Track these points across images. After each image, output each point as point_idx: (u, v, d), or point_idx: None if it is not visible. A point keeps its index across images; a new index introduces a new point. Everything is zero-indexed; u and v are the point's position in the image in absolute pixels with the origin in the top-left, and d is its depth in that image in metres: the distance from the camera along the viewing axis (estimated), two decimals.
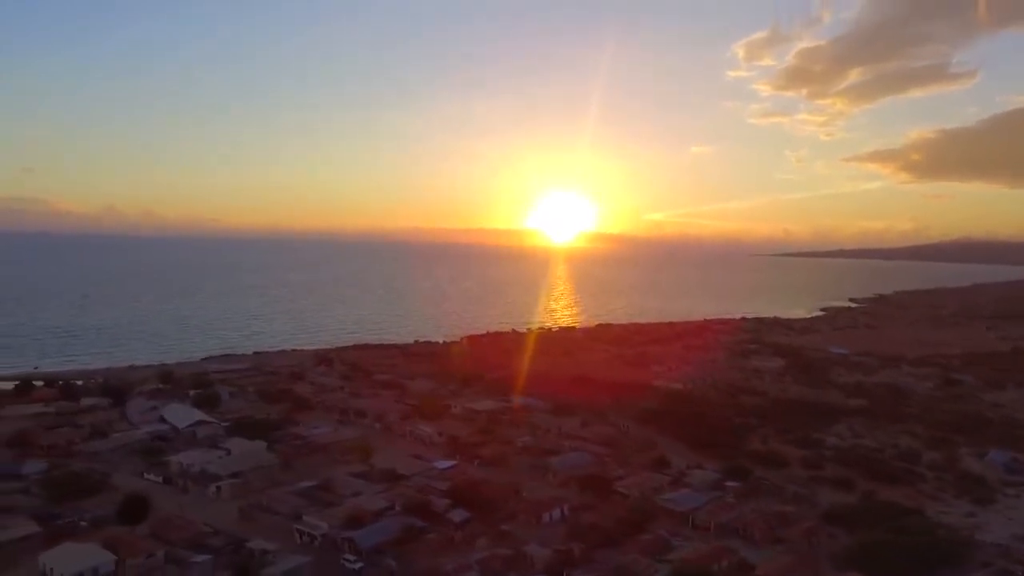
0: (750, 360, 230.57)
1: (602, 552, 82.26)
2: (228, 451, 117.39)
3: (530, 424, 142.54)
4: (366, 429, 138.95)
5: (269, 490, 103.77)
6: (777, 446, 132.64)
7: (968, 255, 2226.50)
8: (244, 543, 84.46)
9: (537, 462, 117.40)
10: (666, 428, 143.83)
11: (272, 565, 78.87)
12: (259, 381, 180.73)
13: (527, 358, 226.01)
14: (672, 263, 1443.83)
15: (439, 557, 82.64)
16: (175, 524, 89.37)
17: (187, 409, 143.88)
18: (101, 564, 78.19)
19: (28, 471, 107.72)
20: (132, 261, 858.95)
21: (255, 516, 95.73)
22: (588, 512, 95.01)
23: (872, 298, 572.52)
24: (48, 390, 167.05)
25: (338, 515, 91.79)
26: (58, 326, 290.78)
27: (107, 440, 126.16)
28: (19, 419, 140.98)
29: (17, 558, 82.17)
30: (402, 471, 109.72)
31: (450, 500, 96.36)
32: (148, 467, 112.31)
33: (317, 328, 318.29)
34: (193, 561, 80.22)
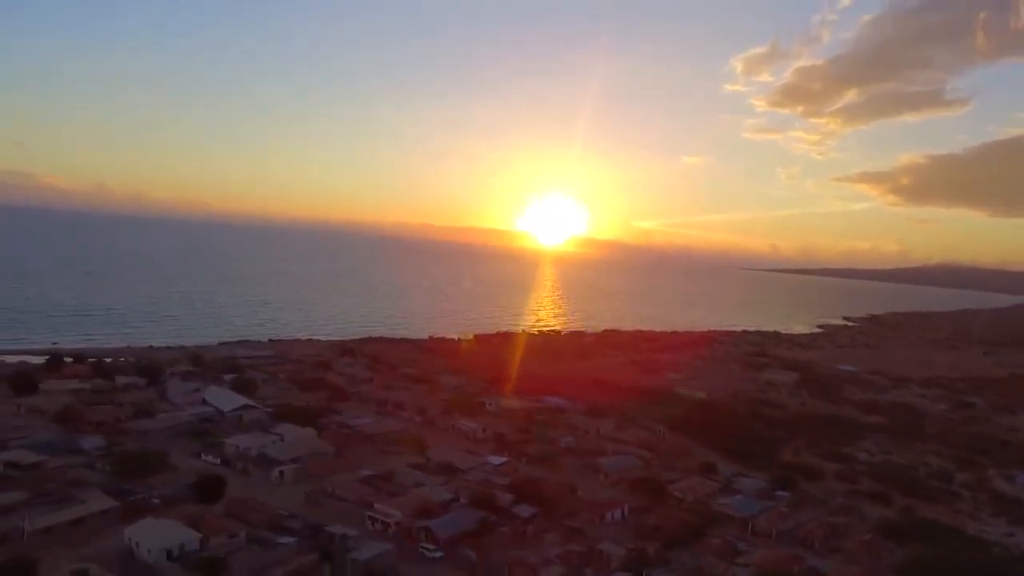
0: (763, 373, 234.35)
1: (672, 553, 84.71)
2: (281, 436, 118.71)
3: (567, 425, 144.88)
4: (407, 422, 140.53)
5: (330, 476, 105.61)
6: (810, 459, 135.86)
7: (950, 280, 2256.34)
8: (323, 527, 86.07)
9: (585, 462, 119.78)
10: (696, 435, 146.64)
11: (356, 551, 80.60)
12: (288, 369, 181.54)
13: (544, 360, 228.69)
14: (665, 272, 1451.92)
15: (511, 551, 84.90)
16: (250, 506, 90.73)
17: (228, 393, 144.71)
18: (187, 541, 79.50)
19: (87, 446, 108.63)
20: (126, 241, 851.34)
21: (322, 501, 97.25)
22: (648, 514, 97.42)
23: (866, 318, 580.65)
24: (79, 366, 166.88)
25: (407, 504, 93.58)
26: (67, 303, 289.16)
27: (154, 420, 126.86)
28: (58, 394, 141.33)
29: (98, 531, 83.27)
30: (459, 465, 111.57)
31: (513, 495, 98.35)
32: (204, 448, 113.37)
33: (326, 320, 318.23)
34: (277, 543, 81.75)
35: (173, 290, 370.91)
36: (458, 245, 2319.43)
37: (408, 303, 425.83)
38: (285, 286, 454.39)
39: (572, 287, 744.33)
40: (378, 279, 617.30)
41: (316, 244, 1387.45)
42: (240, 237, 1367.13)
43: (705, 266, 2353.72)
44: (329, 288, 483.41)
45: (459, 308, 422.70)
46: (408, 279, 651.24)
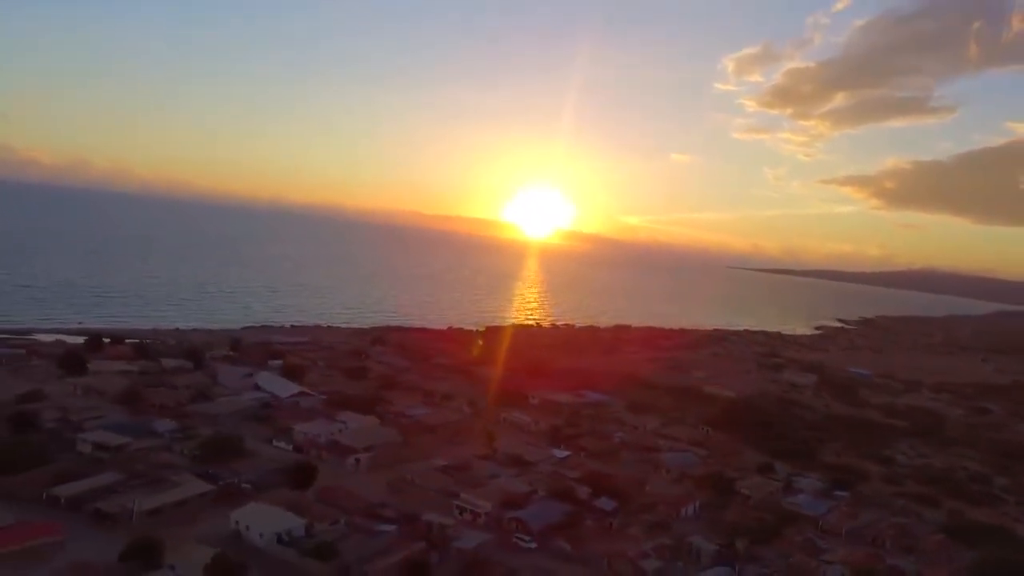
0: (782, 374, 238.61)
1: (757, 549, 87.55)
2: (345, 424, 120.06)
3: (614, 420, 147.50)
4: (458, 413, 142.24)
5: (404, 465, 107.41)
6: (852, 460, 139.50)
7: (931, 285, 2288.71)
8: (418, 516, 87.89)
9: (642, 457, 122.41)
10: (738, 434, 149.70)
11: (458, 539, 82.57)
12: (324, 356, 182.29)
13: (569, 354, 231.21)
14: (652, 269, 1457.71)
15: (598, 543, 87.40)
16: (341, 493, 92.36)
17: (280, 379, 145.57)
18: (294, 527, 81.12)
19: (161, 429, 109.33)
20: (118, 219, 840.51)
21: (404, 490, 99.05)
22: (722, 510, 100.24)
23: (858, 321, 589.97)
24: (120, 347, 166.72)
25: (491, 495, 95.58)
26: (79, 283, 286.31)
27: (214, 404, 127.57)
28: (109, 375, 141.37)
29: (198, 515, 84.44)
30: (527, 457, 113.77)
31: (590, 489, 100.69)
32: (274, 434, 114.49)
33: (339, 307, 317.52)
34: (379, 530, 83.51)
35: (179, 272, 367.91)
36: (445, 233, 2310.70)
37: (415, 292, 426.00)
38: (288, 271, 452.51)
39: (567, 281, 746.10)
40: (377, 266, 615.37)
41: (305, 228, 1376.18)
42: (229, 219, 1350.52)
43: (691, 263, 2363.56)
44: (332, 274, 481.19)
45: (467, 299, 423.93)
46: (406, 267, 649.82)
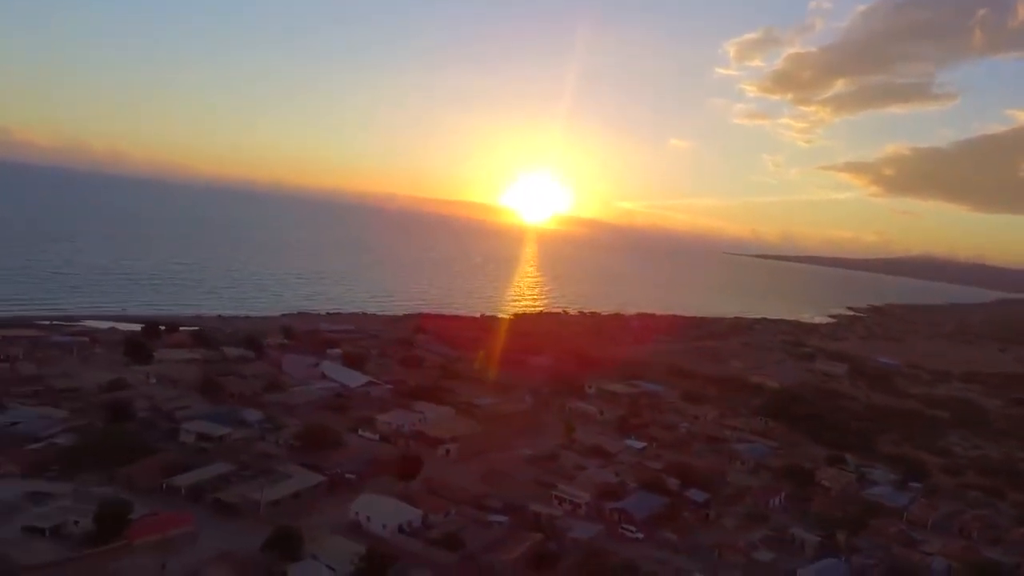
0: (815, 364, 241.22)
1: (854, 541, 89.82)
2: (423, 414, 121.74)
3: (673, 410, 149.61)
4: (520, 402, 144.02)
5: (489, 455, 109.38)
6: (910, 451, 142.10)
7: (928, 272, 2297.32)
8: (526, 507, 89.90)
9: (715, 448, 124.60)
10: (791, 425, 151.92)
11: (571, 530, 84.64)
12: (376, 345, 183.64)
13: (606, 342, 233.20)
14: (653, 254, 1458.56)
15: (700, 534, 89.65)
16: (445, 483, 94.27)
17: (344, 368, 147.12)
18: (413, 518, 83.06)
19: (250, 419, 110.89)
20: (120, 203, 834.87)
21: (498, 480, 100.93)
22: (808, 502, 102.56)
23: (869, 309, 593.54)
24: (178, 335, 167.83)
25: (587, 486, 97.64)
26: (109, 268, 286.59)
27: (289, 394, 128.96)
28: (176, 364, 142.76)
29: (314, 506, 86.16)
30: (608, 448, 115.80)
31: (679, 480, 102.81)
32: (351, 424, 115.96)
33: (367, 293, 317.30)
34: (492, 520, 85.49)
35: (201, 258, 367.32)
36: (444, 218, 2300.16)
37: (432, 279, 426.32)
38: (304, 257, 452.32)
39: (572, 266, 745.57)
40: (387, 252, 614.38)
41: (308, 212, 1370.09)
42: (231, 202, 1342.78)
43: (690, 249, 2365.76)
44: (348, 261, 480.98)
45: (485, 286, 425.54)
46: (415, 253, 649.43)
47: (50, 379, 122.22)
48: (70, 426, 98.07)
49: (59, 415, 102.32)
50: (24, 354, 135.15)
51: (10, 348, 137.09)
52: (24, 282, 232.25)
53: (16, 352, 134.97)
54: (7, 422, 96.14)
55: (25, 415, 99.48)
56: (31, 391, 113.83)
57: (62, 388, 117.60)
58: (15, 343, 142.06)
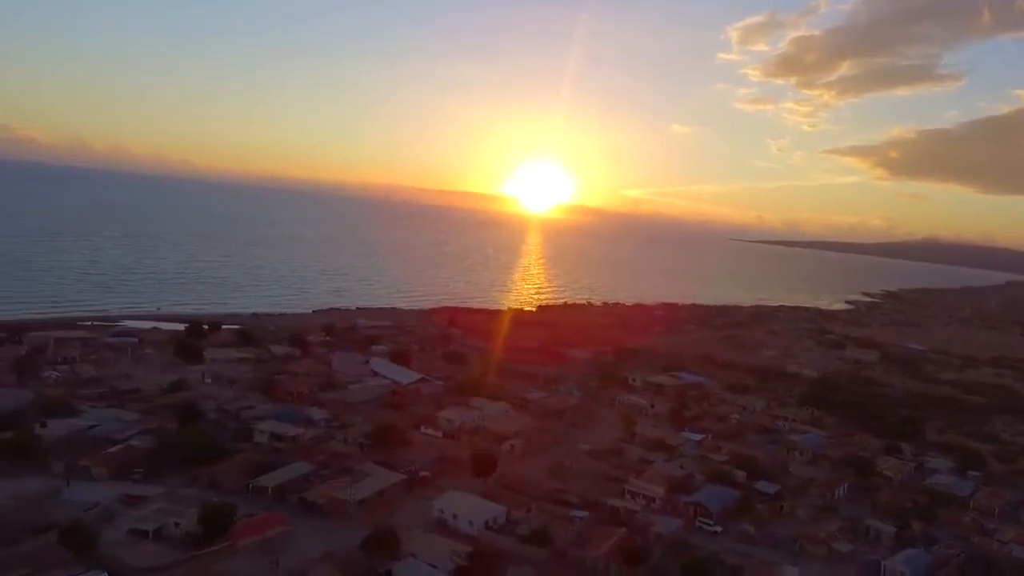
0: (844, 351, 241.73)
1: (929, 531, 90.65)
2: (480, 410, 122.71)
3: (721, 401, 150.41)
4: (568, 395, 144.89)
5: (551, 449, 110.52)
6: (957, 438, 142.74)
7: (935, 255, 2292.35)
8: (604, 501, 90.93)
9: (770, 439, 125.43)
10: (837, 414, 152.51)
11: (653, 524, 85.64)
12: (415, 340, 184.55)
13: (636, 333, 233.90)
14: (660, 242, 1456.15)
15: (777, 526, 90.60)
16: (520, 480, 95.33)
17: (393, 365, 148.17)
18: (497, 515, 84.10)
19: (316, 417, 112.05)
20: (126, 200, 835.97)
21: (565, 475, 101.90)
22: (871, 492, 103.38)
23: (883, 294, 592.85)
24: (222, 334, 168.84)
25: (656, 479, 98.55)
26: (132, 267, 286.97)
27: (344, 391, 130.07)
28: (228, 363, 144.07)
29: (395, 504, 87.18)
30: (668, 441, 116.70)
31: (745, 472, 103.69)
32: (410, 421, 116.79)
33: (390, 288, 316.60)
34: (574, 516, 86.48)
35: (220, 255, 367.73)
36: (446, 209, 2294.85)
37: (451, 271, 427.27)
38: (321, 252, 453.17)
39: (582, 256, 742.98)
40: (399, 245, 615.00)
41: (312, 206, 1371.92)
42: (234, 197, 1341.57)
43: (695, 236, 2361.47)
44: (364, 255, 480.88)
45: (504, 277, 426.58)
46: (426, 246, 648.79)
47: (111, 381, 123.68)
48: (144, 428, 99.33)
49: (130, 417, 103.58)
50: (80, 356, 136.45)
51: (66, 350, 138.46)
52: (54, 283, 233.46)
53: (73, 354, 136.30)
54: (84, 425, 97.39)
55: (100, 417, 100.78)
56: (96, 393, 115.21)
57: (125, 390, 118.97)
58: (68, 345, 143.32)
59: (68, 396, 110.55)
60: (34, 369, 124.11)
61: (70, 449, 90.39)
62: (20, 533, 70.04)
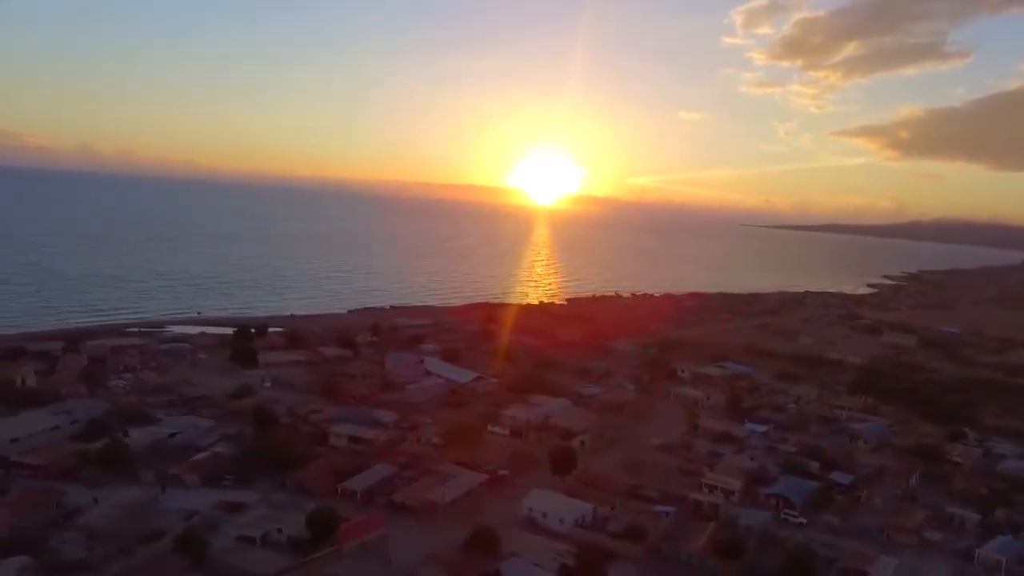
0: (882, 336, 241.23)
1: (1014, 518, 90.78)
2: (541, 406, 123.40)
3: (774, 391, 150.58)
4: (623, 389, 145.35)
5: (620, 444, 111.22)
6: (1014, 422, 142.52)
7: (947, 235, 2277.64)
8: (686, 496, 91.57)
9: (832, 428, 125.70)
10: (890, 400, 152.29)
11: (740, 517, 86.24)
12: (457, 337, 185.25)
13: (671, 323, 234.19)
14: (671, 230, 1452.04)
15: (860, 516, 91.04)
16: (600, 476, 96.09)
17: (446, 364, 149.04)
18: (586, 512, 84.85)
19: (385, 420, 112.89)
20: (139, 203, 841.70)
21: (639, 469, 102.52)
22: (944, 479, 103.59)
23: (905, 276, 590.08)
24: (271, 338, 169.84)
25: (730, 472, 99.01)
26: (164, 272, 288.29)
27: (405, 392, 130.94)
28: (283, 366, 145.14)
29: (484, 503, 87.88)
30: (734, 433, 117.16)
31: (818, 463, 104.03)
32: (481, 420, 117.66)
33: (419, 287, 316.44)
34: (660, 511, 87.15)
35: (245, 257, 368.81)
36: (452, 203, 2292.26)
37: (471, 266, 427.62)
38: (340, 251, 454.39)
39: (599, 247, 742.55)
40: (413, 241, 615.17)
41: (318, 204, 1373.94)
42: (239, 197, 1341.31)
43: (705, 223, 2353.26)
44: (382, 252, 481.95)
45: (525, 271, 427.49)
46: (442, 241, 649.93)
47: (176, 387, 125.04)
48: (223, 435, 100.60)
49: (206, 424, 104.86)
50: (141, 363, 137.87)
51: (124, 358, 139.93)
52: (93, 290, 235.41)
53: (133, 362, 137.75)
54: (165, 433, 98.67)
55: (179, 425, 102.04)
56: (166, 401, 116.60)
57: (192, 396, 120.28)
58: (125, 353, 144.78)
59: (140, 404, 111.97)
60: (100, 378, 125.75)
61: (156, 457, 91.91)
62: (130, 542, 71.48)
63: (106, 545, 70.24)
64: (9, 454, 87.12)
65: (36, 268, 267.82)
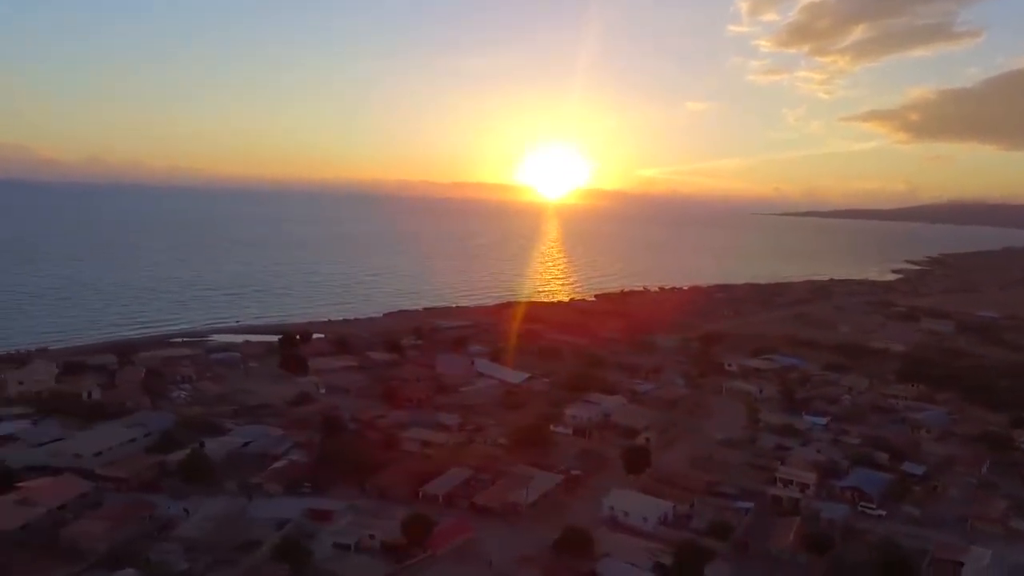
0: (920, 323, 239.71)
1: None
2: (599, 404, 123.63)
3: (826, 382, 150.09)
4: (674, 385, 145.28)
5: (683, 440, 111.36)
6: None
7: (961, 217, 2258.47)
8: (764, 491, 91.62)
9: (890, 418, 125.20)
10: (941, 388, 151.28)
11: (821, 510, 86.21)
12: (497, 337, 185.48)
13: (707, 316, 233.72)
14: (683, 222, 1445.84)
15: (938, 506, 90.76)
16: (674, 473, 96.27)
17: (495, 365, 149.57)
18: (667, 510, 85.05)
19: (449, 423, 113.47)
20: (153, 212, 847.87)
21: (707, 466, 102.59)
22: (1014, 467, 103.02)
23: (927, 261, 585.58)
24: (318, 343, 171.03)
25: (801, 465, 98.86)
26: (191, 281, 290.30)
27: (459, 394, 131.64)
28: (335, 372, 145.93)
29: (565, 504, 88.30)
30: (797, 426, 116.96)
31: (888, 454, 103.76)
32: (543, 419, 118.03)
33: (447, 287, 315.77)
34: (739, 507, 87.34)
35: (270, 264, 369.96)
36: (461, 202, 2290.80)
37: (493, 265, 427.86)
38: (360, 254, 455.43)
39: (613, 242, 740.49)
40: (430, 241, 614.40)
41: (329, 205, 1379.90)
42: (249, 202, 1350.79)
43: (716, 213, 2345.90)
44: (402, 254, 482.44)
45: (547, 268, 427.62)
46: (459, 240, 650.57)
47: (236, 396, 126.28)
48: (296, 443, 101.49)
49: (276, 432, 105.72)
50: (197, 374, 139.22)
51: (180, 368, 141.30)
52: (130, 303, 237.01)
53: (188, 372, 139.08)
54: (239, 442, 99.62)
55: (251, 434, 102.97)
56: (230, 410, 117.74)
57: (254, 405, 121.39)
58: (178, 363, 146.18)
59: (207, 415, 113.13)
60: (160, 390, 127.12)
61: (233, 467, 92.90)
62: (227, 552, 72.42)
63: (205, 556, 71.34)
64: (94, 467, 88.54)
65: (70, 282, 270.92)
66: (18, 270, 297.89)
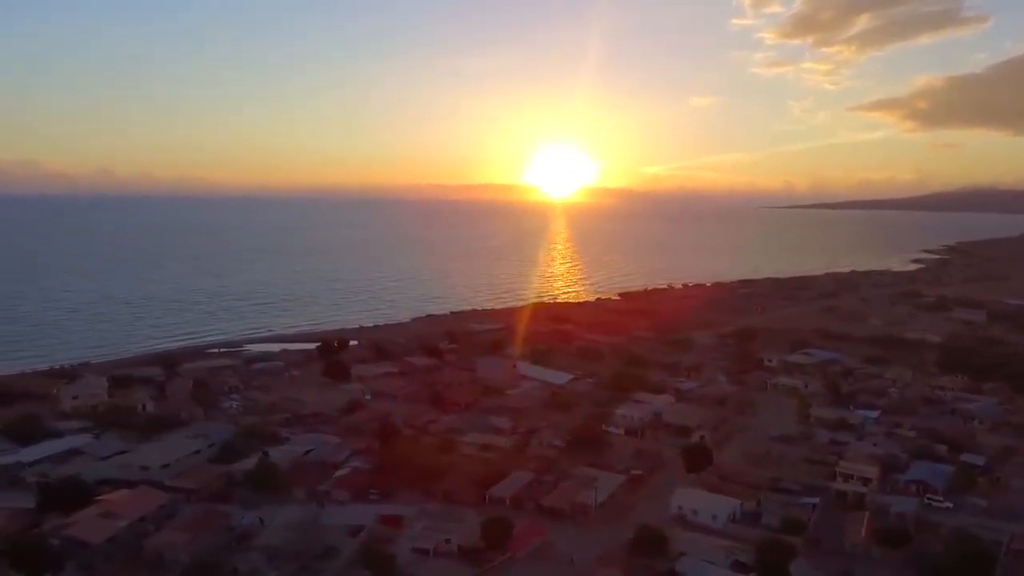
0: (951, 313, 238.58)
1: None
2: (650, 403, 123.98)
3: (868, 376, 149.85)
4: (716, 382, 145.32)
5: (737, 437, 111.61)
6: None
7: (971, 204, 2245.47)
8: (827, 486, 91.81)
9: (940, 410, 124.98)
10: (984, 378, 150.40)
11: (891, 505, 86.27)
12: (531, 339, 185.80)
13: (735, 312, 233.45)
14: (692, 218, 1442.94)
15: (1005, 497, 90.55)
16: (736, 471, 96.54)
17: (537, 367, 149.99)
18: (735, 509, 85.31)
19: (502, 425, 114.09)
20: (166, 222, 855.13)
21: (765, 462, 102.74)
22: None
23: (945, 249, 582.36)
24: (357, 350, 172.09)
25: (860, 459, 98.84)
26: (216, 291, 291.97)
27: (505, 397, 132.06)
28: (379, 377, 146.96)
29: (631, 504, 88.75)
30: (849, 420, 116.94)
31: (946, 446, 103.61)
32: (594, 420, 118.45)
33: (471, 290, 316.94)
34: (804, 502, 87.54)
35: (290, 273, 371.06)
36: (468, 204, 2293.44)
37: (512, 267, 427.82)
38: (380, 259, 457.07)
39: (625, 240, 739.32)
40: (447, 244, 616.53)
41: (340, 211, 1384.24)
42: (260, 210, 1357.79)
43: (724, 208, 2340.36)
44: (420, 258, 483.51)
45: (564, 269, 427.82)
46: (475, 242, 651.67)
47: (286, 405, 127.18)
48: (353, 450, 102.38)
49: (334, 440, 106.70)
50: (243, 383, 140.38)
51: (226, 379, 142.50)
52: (164, 315, 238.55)
53: (233, 383, 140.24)
54: (300, 451, 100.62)
55: (310, 443, 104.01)
56: (283, 419, 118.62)
57: (306, 414, 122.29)
58: (222, 374, 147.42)
59: (263, 424, 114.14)
60: (210, 401, 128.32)
61: (297, 475, 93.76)
62: (311, 559, 73.28)
63: (288, 564, 72.18)
64: (163, 479, 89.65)
65: (100, 296, 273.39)
66: (46, 284, 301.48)
